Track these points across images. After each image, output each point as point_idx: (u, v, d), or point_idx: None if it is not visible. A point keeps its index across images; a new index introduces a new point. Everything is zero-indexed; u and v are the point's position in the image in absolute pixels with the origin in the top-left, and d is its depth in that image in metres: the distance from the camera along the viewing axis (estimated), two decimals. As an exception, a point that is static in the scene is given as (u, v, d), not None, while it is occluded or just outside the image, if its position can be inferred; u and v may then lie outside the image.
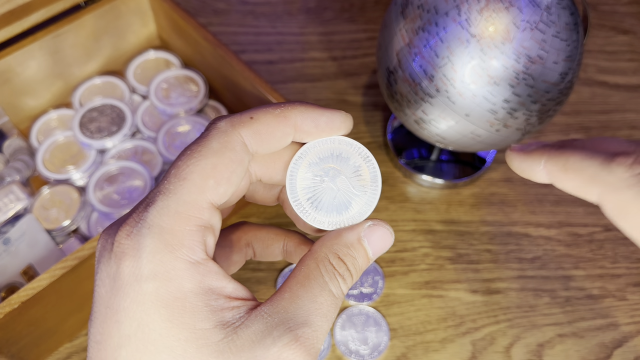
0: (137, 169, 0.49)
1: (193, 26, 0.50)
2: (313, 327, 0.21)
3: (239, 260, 0.28)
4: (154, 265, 0.20)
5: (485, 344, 0.44)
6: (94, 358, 0.21)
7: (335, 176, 0.25)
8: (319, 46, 0.61)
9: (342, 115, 0.24)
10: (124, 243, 0.21)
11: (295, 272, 0.22)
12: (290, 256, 0.28)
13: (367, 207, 0.24)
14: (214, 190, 0.21)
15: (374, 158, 0.25)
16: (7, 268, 0.44)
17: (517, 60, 0.37)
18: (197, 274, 0.20)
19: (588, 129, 0.56)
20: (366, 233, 0.24)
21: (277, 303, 0.21)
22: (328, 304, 0.22)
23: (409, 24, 0.40)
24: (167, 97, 0.53)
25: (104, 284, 0.21)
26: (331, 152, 0.24)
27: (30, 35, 0.49)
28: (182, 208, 0.21)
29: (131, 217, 0.21)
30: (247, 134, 0.22)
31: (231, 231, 0.27)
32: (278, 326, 0.20)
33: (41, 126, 0.52)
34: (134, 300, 0.20)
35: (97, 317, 0.21)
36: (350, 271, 0.23)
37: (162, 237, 0.20)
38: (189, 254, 0.20)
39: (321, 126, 0.24)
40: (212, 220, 0.21)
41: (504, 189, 0.52)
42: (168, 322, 0.20)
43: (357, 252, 0.23)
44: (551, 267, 0.48)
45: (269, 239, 0.28)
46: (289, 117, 0.23)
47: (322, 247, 0.23)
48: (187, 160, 0.22)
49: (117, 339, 0.20)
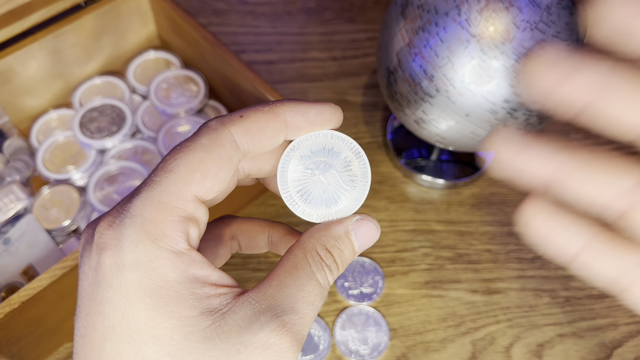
0: (137, 169, 0.49)
1: (193, 26, 0.50)
2: (300, 314, 0.21)
3: (224, 253, 0.28)
4: (136, 254, 0.20)
5: (485, 344, 0.44)
6: (79, 352, 0.21)
7: (325, 170, 0.25)
8: (319, 46, 0.61)
9: (331, 107, 0.24)
10: (106, 233, 0.21)
11: (283, 262, 0.23)
12: (275, 247, 0.28)
13: (355, 202, 0.25)
14: (199, 183, 0.21)
15: (364, 153, 0.25)
16: (7, 268, 0.44)
17: (517, 60, 0.37)
18: (180, 263, 0.20)
19: (588, 129, 0.56)
20: (354, 227, 0.24)
21: (265, 290, 0.21)
22: (315, 293, 0.22)
23: (409, 24, 0.40)
24: (167, 97, 0.53)
25: (87, 276, 0.21)
26: (323, 145, 0.25)
27: (30, 35, 0.49)
28: (166, 199, 0.21)
29: (114, 209, 0.21)
30: (238, 132, 0.22)
31: (216, 225, 0.28)
32: (265, 312, 0.21)
33: (41, 126, 0.52)
34: (117, 291, 0.20)
35: (81, 310, 0.21)
36: (337, 262, 0.23)
37: (144, 227, 0.20)
38: (171, 243, 0.20)
39: (311, 119, 0.24)
40: (197, 213, 0.21)
41: (504, 189, 0.52)
42: (153, 310, 0.20)
43: (344, 244, 0.24)
44: (551, 267, 0.48)
45: (254, 231, 0.28)
46: (279, 114, 0.23)
47: (310, 238, 0.23)
48: (175, 155, 0.22)
49: (102, 330, 0.20)
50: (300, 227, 0.48)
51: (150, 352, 0.20)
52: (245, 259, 0.47)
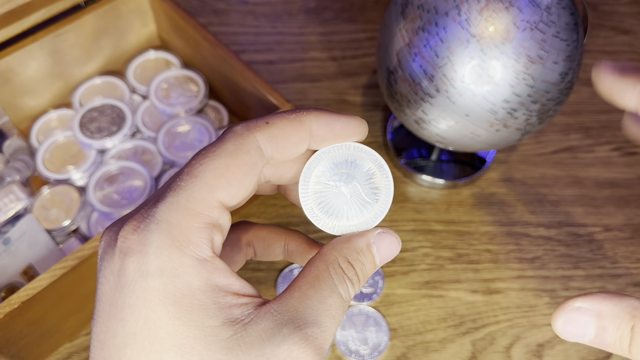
0: (137, 169, 0.49)
1: (193, 26, 0.50)
2: (322, 328, 0.21)
3: (239, 260, 0.28)
4: (161, 261, 0.20)
5: (485, 344, 0.44)
6: (97, 357, 0.20)
7: (347, 182, 0.25)
8: (319, 46, 0.61)
9: (357, 120, 0.24)
10: (130, 238, 0.20)
11: (305, 273, 0.22)
12: (291, 256, 0.28)
13: (377, 215, 0.25)
14: (225, 189, 0.21)
15: (387, 166, 0.25)
16: (7, 268, 0.44)
17: (517, 60, 0.37)
18: (204, 271, 0.20)
19: (588, 129, 0.56)
20: (375, 240, 0.24)
21: (287, 302, 0.21)
22: (337, 306, 0.22)
23: (409, 24, 0.40)
24: (167, 97, 0.53)
25: (108, 281, 0.21)
26: (345, 158, 0.24)
27: (30, 35, 0.49)
28: (192, 205, 0.21)
29: (139, 213, 0.21)
30: (263, 138, 0.22)
31: (232, 231, 0.27)
32: (287, 324, 0.20)
33: (41, 126, 0.52)
34: (139, 297, 0.20)
35: (100, 315, 0.21)
36: (359, 276, 0.23)
37: (169, 233, 0.20)
38: (197, 251, 0.20)
39: (336, 131, 0.24)
40: (221, 220, 0.21)
41: (504, 189, 0.52)
42: (176, 319, 0.19)
43: (366, 257, 0.24)
44: (551, 267, 0.48)
45: (270, 238, 0.28)
46: (305, 122, 0.23)
47: (333, 250, 0.23)
48: (201, 160, 0.22)
49: (122, 337, 0.20)
50: (300, 227, 0.48)
51: None
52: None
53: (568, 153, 0.54)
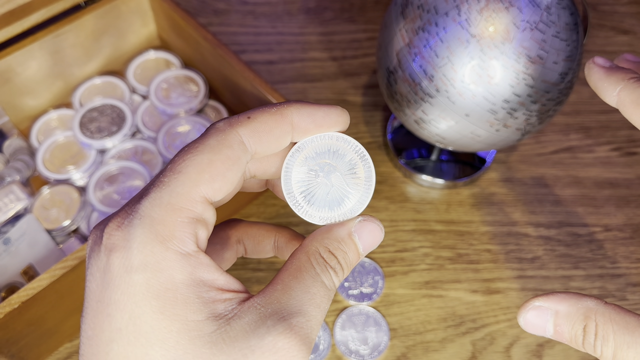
0: (137, 169, 0.49)
1: (193, 26, 0.50)
2: (307, 317, 0.21)
3: (230, 257, 0.28)
4: (144, 255, 0.20)
5: (485, 344, 0.44)
6: (85, 354, 0.21)
7: (330, 172, 0.25)
8: (319, 46, 0.61)
9: (338, 110, 0.24)
10: (115, 234, 0.20)
11: (287, 266, 0.23)
12: (281, 252, 0.28)
13: (359, 204, 0.25)
14: (208, 184, 0.21)
15: (369, 156, 0.25)
16: (7, 268, 0.44)
17: (517, 60, 0.37)
18: (187, 266, 0.20)
19: (588, 129, 0.56)
20: (357, 228, 0.24)
21: (270, 294, 0.21)
22: (321, 295, 0.22)
23: (409, 24, 0.40)
24: (167, 97, 0.53)
25: (95, 278, 0.21)
26: (328, 147, 0.25)
27: (30, 35, 0.49)
28: (175, 200, 0.21)
29: (123, 210, 0.21)
30: (245, 133, 0.22)
31: (222, 228, 0.27)
32: (271, 316, 0.20)
33: (41, 126, 0.52)
34: (124, 292, 0.20)
35: (88, 312, 0.21)
36: (342, 264, 0.23)
37: (152, 228, 0.20)
38: (180, 245, 0.20)
39: (318, 121, 0.24)
40: (205, 215, 0.21)
41: (504, 189, 0.52)
42: (160, 313, 0.20)
43: (348, 246, 0.24)
44: (551, 267, 0.48)
45: (260, 235, 0.28)
46: (286, 115, 0.23)
47: (313, 241, 0.23)
48: (184, 156, 0.22)
49: (109, 332, 0.20)
50: (300, 227, 0.48)
51: (156, 355, 0.19)
52: (246, 259, 0.47)
53: (568, 153, 0.54)
